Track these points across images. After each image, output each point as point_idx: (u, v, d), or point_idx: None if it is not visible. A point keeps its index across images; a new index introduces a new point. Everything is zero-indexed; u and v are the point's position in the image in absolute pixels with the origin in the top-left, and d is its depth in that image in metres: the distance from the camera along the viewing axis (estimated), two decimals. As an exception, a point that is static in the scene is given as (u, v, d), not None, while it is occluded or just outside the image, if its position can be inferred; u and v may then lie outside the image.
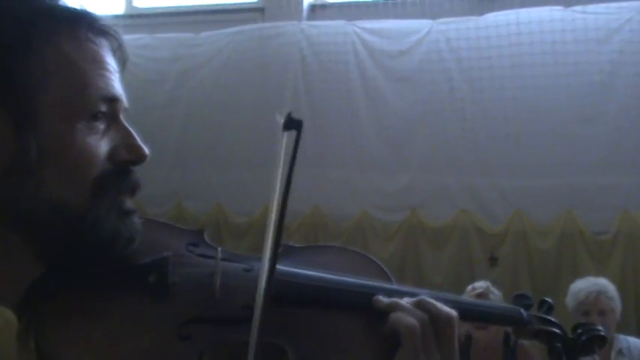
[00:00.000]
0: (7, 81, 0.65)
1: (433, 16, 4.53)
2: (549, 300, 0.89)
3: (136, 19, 5.30)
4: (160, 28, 5.09)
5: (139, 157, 0.72)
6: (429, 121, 4.38)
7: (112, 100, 0.70)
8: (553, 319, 0.88)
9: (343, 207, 4.47)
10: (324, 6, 5.00)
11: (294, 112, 0.74)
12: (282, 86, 4.63)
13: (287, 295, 0.71)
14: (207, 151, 4.76)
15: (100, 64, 0.69)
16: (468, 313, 0.82)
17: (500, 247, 4.24)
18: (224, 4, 5.22)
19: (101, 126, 0.69)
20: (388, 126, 4.47)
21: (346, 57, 4.55)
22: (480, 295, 3.09)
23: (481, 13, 4.43)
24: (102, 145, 0.69)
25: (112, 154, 0.70)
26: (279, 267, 0.69)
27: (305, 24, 4.76)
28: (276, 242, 0.67)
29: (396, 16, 4.61)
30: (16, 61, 0.65)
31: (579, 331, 0.86)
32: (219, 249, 0.77)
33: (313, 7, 4.99)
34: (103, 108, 0.69)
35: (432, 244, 4.33)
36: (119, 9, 5.42)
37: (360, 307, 0.73)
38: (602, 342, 0.85)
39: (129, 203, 0.72)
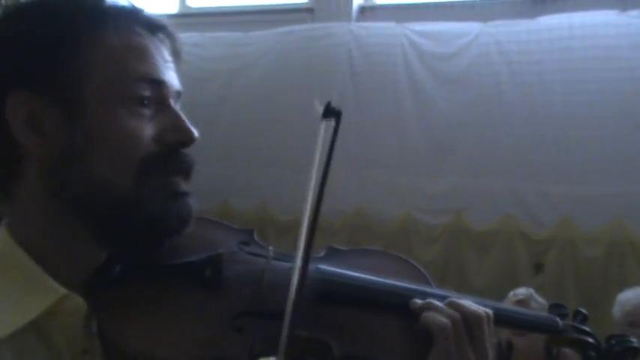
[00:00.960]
0: (55, 73, 0.69)
1: (483, 19, 4.49)
2: (583, 310, 0.92)
3: (189, 18, 5.42)
4: (211, 27, 5.19)
5: (187, 139, 0.74)
6: (476, 124, 4.34)
7: (157, 83, 0.73)
8: (587, 329, 0.90)
9: (387, 208, 4.47)
10: (373, 7, 5.01)
11: (335, 102, 0.76)
12: (329, 87, 4.65)
13: (333, 294, 0.75)
14: (253, 149, 4.83)
15: (143, 52, 0.73)
16: (502, 317, 0.84)
17: (546, 254, 4.17)
18: (274, 5, 5.28)
19: (147, 111, 0.72)
20: (434, 128, 4.45)
21: (394, 59, 4.55)
22: (520, 302, 3.05)
23: (533, 16, 4.37)
24: (147, 129, 0.71)
25: (159, 137, 0.73)
26: (327, 267, 0.75)
27: (354, 25, 4.78)
28: (312, 230, 0.73)
29: (446, 19, 4.59)
30: (63, 54, 0.69)
31: (613, 342, 0.88)
32: (270, 248, 0.82)
33: (363, 9, 5.00)
34: (148, 92, 0.72)
35: (476, 248, 4.29)
36: (173, 8, 5.55)
37: (399, 307, 0.78)
38: (635, 353, 0.86)
39: (182, 185, 0.75)
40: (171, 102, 0.75)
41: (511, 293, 3.24)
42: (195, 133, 0.75)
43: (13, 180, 0.72)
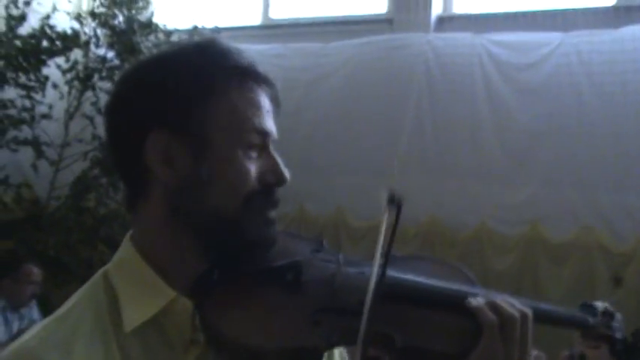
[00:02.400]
0: (191, 118, 0.85)
1: (565, 29, 4.45)
2: (611, 309, 1.03)
3: (272, 29, 5.62)
4: (293, 38, 5.36)
5: (282, 181, 0.90)
6: (555, 135, 4.31)
7: (263, 134, 0.89)
8: (615, 325, 1.02)
9: (461, 217, 4.49)
10: (452, 18, 5.05)
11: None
12: (406, 96, 4.72)
13: (396, 295, 0.88)
14: (330, 156, 4.95)
15: (256, 106, 0.88)
16: (540, 315, 0.95)
17: (626, 267, 4.08)
18: (353, 16, 5.40)
19: (254, 154, 0.88)
20: (512, 139, 4.44)
21: (472, 69, 4.57)
22: None
23: (616, 26, 4.30)
24: (253, 169, 0.87)
25: (260, 177, 0.88)
26: (390, 273, 0.87)
27: (432, 36, 4.83)
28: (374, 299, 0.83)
29: (526, 29, 4.57)
30: (198, 103, 0.86)
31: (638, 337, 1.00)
32: (340, 255, 0.95)
33: (441, 19, 5.05)
34: (256, 140, 0.88)
35: (552, 259, 4.24)
36: (256, 20, 5.78)
37: (453, 305, 0.90)
38: None
39: (272, 215, 0.90)
40: (271, 147, 0.90)
41: None
42: (288, 175, 0.90)
43: (142, 200, 0.88)
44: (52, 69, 4.34)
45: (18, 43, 4.28)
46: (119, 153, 0.89)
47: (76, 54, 4.52)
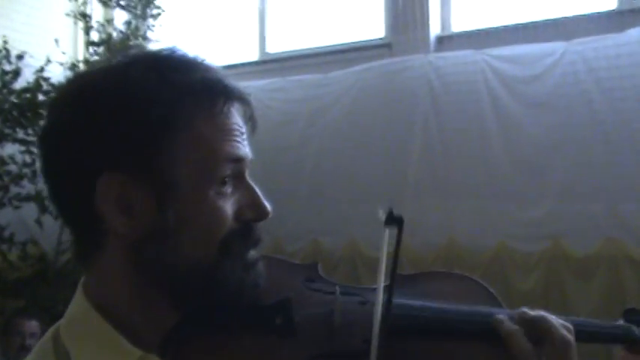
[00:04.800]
0: (150, 157, 0.71)
1: (567, 37, 4.35)
2: None
3: (269, 64, 5.58)
4: (291, 71, 5.32)
5: (263, 215, 0.77)
6: (568, 146, 4.18)
7: (237, 161, 0.76)
8: None
9: (479, 238, 4.35)
10: (451, 36, 4.98)
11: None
12: (412, 120, 4.64)
13: (407, 328, 0.74)
14: (340, 187, 4.85)
15: (228, 131, 0.75)
16: (582, 334, 0.82)
17: (658, 278, 3.92)
18: (351, 43, 5.35)
19: (229, 189, 0.75)
20: (524, 154, 4.32)
21: (476, 86, 4.48)
22: None
23: (622, 29, 4.20)
24: (229, 207, 0.74)
25: (237, 214, 0.75)
26: (399, 300, 0.73)
27: (432, 56, 4.76)
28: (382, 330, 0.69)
29: (527, 41, 4.49)
30: (158, 139, 0.71)
31: None
32: (337, 287, 0.81)
33: (440, 39, 4.98)
34: (229, 171, 0.74)
35: (578, 274, 4.08)
36: (253, 56, 5.74)
37: (479, 333, 0.75)
38: None
39: (252, 254, 0.77)
40: (247, 175, 0.78)
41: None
42: (269, 208, 0.77)
43: (95, 251, 0.75)
44: (50, 122, 4.28)
45: (13, 98, 4.25)
46: (60, 197, 0.74)
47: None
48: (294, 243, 4.92)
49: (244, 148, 0.77)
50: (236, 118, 0.77)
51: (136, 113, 0.70)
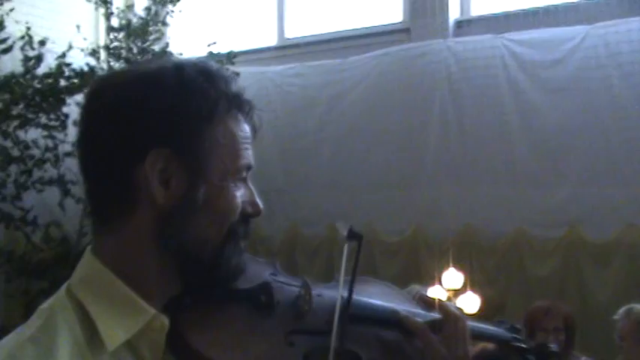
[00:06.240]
0: (192, 141, 0.85)
1: (589, 21, 4.31)
2: (518, 326, 1.17)
3: (288, 49, 5.59)
4: (310, 56, 5.32)
5: (258, 213, 0.92)
6: (588, 131, 4.15)
7: (248, 167, 0.91)
8: (522, 338, 1.17)
9: (497, 224, 4.35)
10: (470, 21, 4.94)
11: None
12: (429, 105, 4.63)
13: (359, 317, 0.96)
14: (357, 172, 4.87)
15: (246, 139, 0.90)
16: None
17: (677, 264, 3.89)
18: (370, 28, 5.34)
19: (240, 185, 0.89)
20: (543, 139, 4.29)
21: (495, 71, 4.46)
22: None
23: (643, 13, 4.15)
24: (239, 201, 0.89)
25: (242, 209, 0.90)
26: (354, 297, 0.95)
27: (451, 41, 4.73)
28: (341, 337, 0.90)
29: (548, 25, 4.45)
30: (200, 127, 0.86)
31: (542, 348, 1.17)
32: (305, 279, 1.00)
33: (459, 24, 4.95)
34: (245, 174, 0.90)
35: (596, 261, 4.07)
36: (272, 41, 5.75)
37: (393, 325, 1.00)
38: (555, 357, 1.16)
39: (243, 244, 0.92)
40: (249, 178, 0.92)
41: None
42: (262, 206, 0.92)
43: (121, 218, 0.85)
44: (72, 106, 4.34)
45: (36, 83, 4.31)
46: (103, 169, 0.85)
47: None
48: (311, 227, 4.95)
49: (252, 157, 0.92)
50: (248, 128, 0.92)
51: (188, 104, 0.85)
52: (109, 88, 0.88)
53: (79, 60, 4.62)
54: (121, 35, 4.74)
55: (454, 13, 4.92)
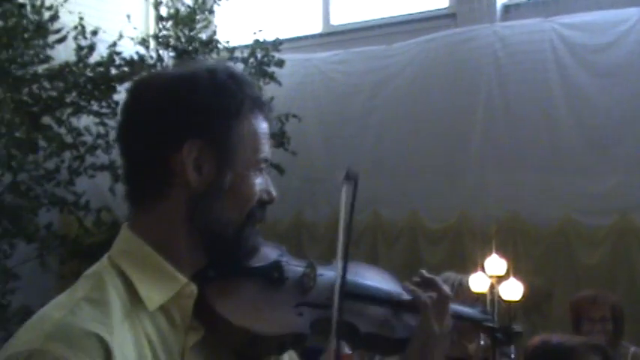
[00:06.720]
0: (222, 134, 0.99)
1: (642, 3, 4.19)
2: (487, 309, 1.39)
3: (333, 36, 5.59)
4: (355, 42, 5.31)
5: (273, 200, 1.06)
6: (639, 118, 4.05)
7: (267, 160, 1.05)
8: (491, 318, 1.34)
9: (543, 212, 4.28)
10: (518, 5, 4.85)
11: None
12: (475, 91, 4.57)
13: (356, 294, 1.13)
14: (401, 159, 4.86)
15: (265, 135, 1.05)
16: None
17: None
18: (416, 14, 5.29)
19: (258, 174, 1.04)
20: (591, 126, 4.20)
21: (543, 55, 4.37)
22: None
23: None
24: (257, 188, 1.03)
25: (259, 195, 1.04)
26: (350, 278, 1.09)
27: (498, 25, 4.66)
28: (342, 285, 1.04)
29: (599, 7, 4.33)
30: (229, 123, 1.00)
31: (507, 329, 1.34)
32: (310, 260, 1.15)
33: (507, 8, 4.87)
34: (263, 165, 1.04)
35: (647, 250, 3.98)
36: (317, 28, 5.77)
37: (398, 302, 1.18)
38: (519, 336, 1.32)
39: (258, 227, 1.07)
40: (265, 170, 1.06)
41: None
42: (275, 194, 1.07)
43: (158, 199, 0.99)
44: (122, 94, 4.45)
45: (88, 72, 4.43)
46: (145, 155, 0.99)
47: (144, 78, 4.63)
48: (355, 214, 4.95)
49: (269, 151, 1.06)
50: (267, 127, 1.06)
51: (220, 103, 0.99)
52: (152, 86, 1.02)
53: (129, 49, 4.73)
54: (169, 24, 4.82)
55: (501, -2, 4.85)
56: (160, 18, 4.91)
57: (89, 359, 0.85)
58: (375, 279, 1.20)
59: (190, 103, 0.98)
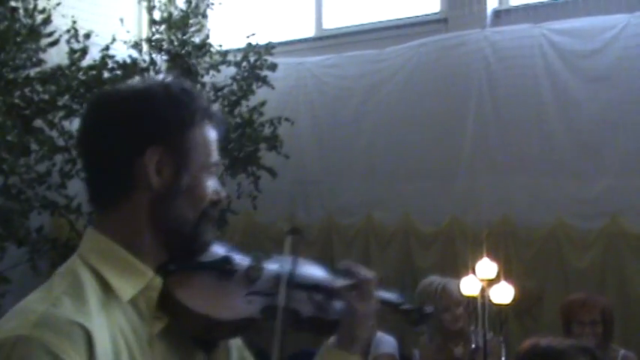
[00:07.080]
0: (180, 141, 1.11)
1: (630, 9, 4.23)
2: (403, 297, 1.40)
3: (325, 40, 5.62)
4: (347, 47, 5.34)
5: (222, 200, 1.18)
6: (629, 122, 4.09)
7: (216, 164, 1.18)
8: (405, 302, 1.41)
9: (534, 215, 4.32)
10: (508, 11, 4.89)
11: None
12: (466, 95, 4.61)
13: (297, 285, 1.21)
14: (394, 163, 4.88)
15: (215, 142, 1.17)
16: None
17: None
18: (407, 19, 5.33)
19: (210, 177, 1.15)
20: (581, 129, 4.24)
21: (533, 60, 4.41)
22: None
23: (687, -1, 4.06)
24: (210, 189, 1.15)
25: (210, 196, 1.15)
26: (292, 270, 1.22)
27: (488, 31, 4.70)
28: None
29: (588, 14, 4.38)
30: (185, 131, 1.12)
31: (420, 310, 1.41)
32: (257, 253, 1.26)
33: (497, 13, 4.91)
34: (213, 169, 1.17)
35: (637, 253, 4.01)
36: (310, 32, 5.79)
37: (325, 289, 1.26)
38: (430, 317, 1.40)
39: (211, 225, 1.18)
40: (215, 173, 1.18)
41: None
42: (224, 194, 1.19)
43: (121, 202, 1.09)
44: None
45: (81, 75, 4.43)
46: (110, 161, 1.10)
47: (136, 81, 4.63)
48: (348, 217, 4.99)
49: (217, 156, 1.19)
50: (215, 135, 1.18)
51: (176, 113, 1.12)
52: (114, 99, 1.14)
53: (122, 52, 4.74)
54: (162, 28, 4.83)
55: (492, 3, 4.89)
56: (152, 21, 4.92)
57: (74, 345, 0.95)
58: (311, 270, 1.32)
59: (150, 114, 1.10)
